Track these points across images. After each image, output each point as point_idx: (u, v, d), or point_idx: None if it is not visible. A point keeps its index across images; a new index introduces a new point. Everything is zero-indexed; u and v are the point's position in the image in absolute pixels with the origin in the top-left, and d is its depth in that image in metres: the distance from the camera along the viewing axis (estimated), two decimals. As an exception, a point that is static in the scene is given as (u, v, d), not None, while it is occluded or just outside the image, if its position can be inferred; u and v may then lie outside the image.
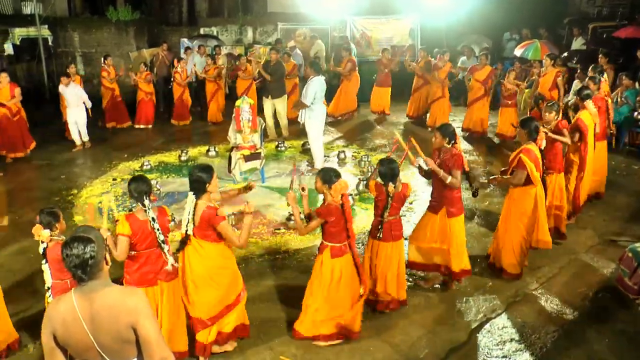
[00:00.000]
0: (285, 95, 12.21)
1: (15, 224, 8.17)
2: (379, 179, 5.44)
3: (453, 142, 5.79)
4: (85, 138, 11.86)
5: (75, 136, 11.73)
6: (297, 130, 12.99)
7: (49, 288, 4.66)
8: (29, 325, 5.50)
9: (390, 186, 5.29)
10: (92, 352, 2.86)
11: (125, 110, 13.58)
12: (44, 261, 4.62)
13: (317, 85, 9.59)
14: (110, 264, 3.01)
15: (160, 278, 4.70)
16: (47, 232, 4.65)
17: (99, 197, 9.08)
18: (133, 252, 4.58)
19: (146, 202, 4.51)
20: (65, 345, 2.87)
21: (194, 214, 4.59)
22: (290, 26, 16.90)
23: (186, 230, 4.64)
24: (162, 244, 4.57)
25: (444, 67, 12.64)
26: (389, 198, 5.30)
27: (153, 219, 4.50)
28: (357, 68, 13.86)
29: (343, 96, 13.84)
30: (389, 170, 5.31)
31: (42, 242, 4.62)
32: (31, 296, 6.04)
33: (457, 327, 5.54)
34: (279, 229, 7.74)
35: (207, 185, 4.59)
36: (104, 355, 2.87)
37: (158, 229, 4.52)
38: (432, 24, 16.50)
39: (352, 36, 16.80)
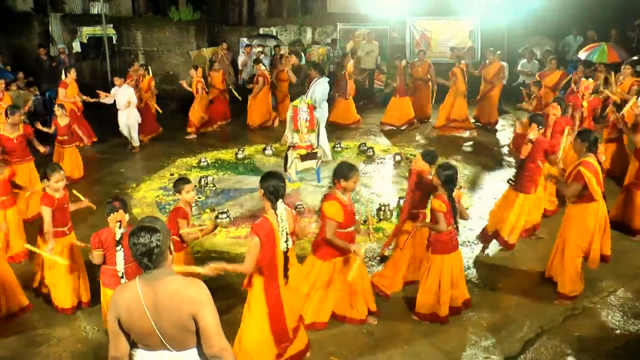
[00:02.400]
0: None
1: (74, 214, 8.37)
2: (441, 192, 5.32)
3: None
4: (136, 144, 11.59)
5: (127, 136, 11.56)
6: (353, 132, 12.97)
7: (123, 275, 4.75)
8: (90, 312, 5.74)
9: (456, 190, 5.26)
10: (154, 339, 2.95)
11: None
12: (119, 247, 4.72)
13: (324, 87, 9.83)
14: (174, 254, 3.07)
15: None
16: (127, 216, 4.86)
17: (157, 191, 9.26)
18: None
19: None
20: (128, 330, 2.97)
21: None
22: (350, 26, 16.86)
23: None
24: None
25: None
26: (455, 203, 5.25)
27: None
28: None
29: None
30: (454, 173, 5.26)
31: (120, 227, 4.73)
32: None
33: (511, 337, 5.37)
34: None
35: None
36: (164, 341, 2.95)
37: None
38: (492, 26, 16.12)
39: (411, 37, 16.63)
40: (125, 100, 11.12)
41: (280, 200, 4.29)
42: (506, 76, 13.61)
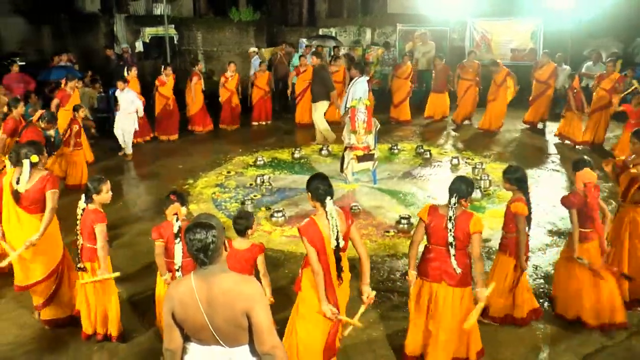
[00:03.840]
0: (325, 101, 11.74)
1: (134, 207, 8.66)
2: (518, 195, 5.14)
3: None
4: (129, 151, 11.12)
5: (121, 142, 11.10)
6: (412, 134, 12.82)
7: (179, 268, 4.72)
8: (149, 305, 5.74)
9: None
10: (206, 333, 2.98)
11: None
12: (177, 240, 4.69)
13: (364, 85, 9.74)
14: (228, 250, 3.09)
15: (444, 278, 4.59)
16: (185, 209, 4.85)
17: (213, 188, 9.35)
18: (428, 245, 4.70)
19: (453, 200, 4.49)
20: (182, 323, 3.01)
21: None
22: (409, 27, 16.66)
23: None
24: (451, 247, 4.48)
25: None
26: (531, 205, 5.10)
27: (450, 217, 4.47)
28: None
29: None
30: (524, 173, 5.13)
31: (178, 220, 4.72)
32: (150, 276, 6.15)
33: (569, 351, 5.08)
34: (389, 232, 7.58)
35: None
36: (216, 336, 2.97)
37: (451, 230, 4.46)
38: (556, 27, 15.58)
39: (471, 38, 16.31)
40: (127, 103, 10.86)
41: (329, 198, 4.21)
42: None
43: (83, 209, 4.98)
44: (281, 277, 6.35)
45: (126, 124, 10.95)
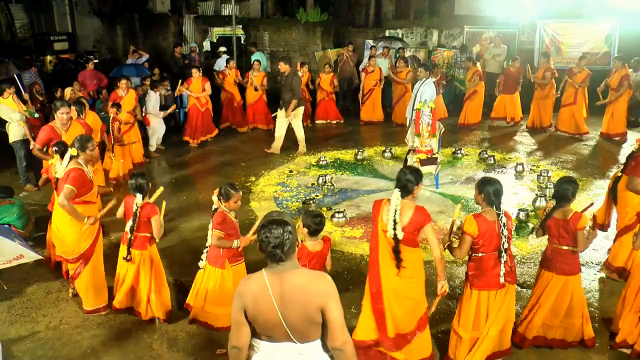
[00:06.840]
0: (300, 109, 11.37)
1: (195, 202, 8.85)
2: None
3: None
4: (152, 148, 11.45)
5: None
6: (476, 139, 12.55)
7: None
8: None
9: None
10: (279, 330, 2.99)
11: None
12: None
13: (432, 87, 9.56)
14: (300, 246, 3.10)
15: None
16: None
17: (275, 186, 9.42)
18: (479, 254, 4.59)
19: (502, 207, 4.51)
20: (253, 320, 3.03)
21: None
22: (477, 29, 16.33)
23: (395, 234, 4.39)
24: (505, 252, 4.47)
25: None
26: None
27: (504, 224, 4.46)
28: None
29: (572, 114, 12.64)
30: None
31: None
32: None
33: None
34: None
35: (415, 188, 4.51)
36: (289, 333, 2.98)
37: (506, 235, 4.44)
38: (633, 29, 14.87)
39: (541, 41, 15.82)
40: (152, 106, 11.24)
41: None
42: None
43: (140, 205, 5.22)
44: (340, 279, 6.33)
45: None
